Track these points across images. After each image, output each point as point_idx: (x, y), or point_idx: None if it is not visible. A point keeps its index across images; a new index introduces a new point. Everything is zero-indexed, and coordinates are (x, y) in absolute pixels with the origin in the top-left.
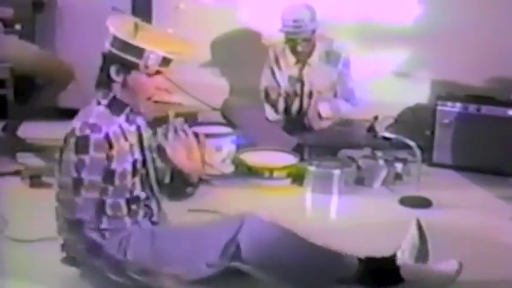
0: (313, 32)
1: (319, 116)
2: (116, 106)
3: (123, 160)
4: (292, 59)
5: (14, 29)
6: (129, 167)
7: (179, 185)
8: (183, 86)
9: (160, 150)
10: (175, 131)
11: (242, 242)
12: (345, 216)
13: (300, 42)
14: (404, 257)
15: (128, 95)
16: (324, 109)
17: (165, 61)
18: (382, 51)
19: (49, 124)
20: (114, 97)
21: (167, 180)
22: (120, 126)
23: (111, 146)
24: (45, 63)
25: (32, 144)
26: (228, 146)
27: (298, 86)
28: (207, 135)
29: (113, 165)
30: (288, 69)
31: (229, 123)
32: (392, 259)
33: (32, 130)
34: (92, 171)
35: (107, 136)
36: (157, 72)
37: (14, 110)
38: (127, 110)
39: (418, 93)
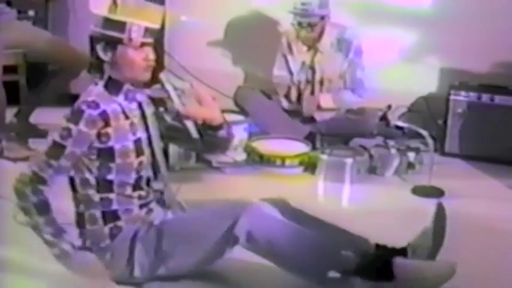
0: (322, 18)
1: (319, 106)
2: (112, 86)
3: (123, 138)
4: (304, 45)
5: (27, 15)
6: (130, 145)
7: (209, 135)
8: (196, 73)
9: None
10: (175, 88)
11: (240, 235)
12: (357, 205)
13: (305, 26)
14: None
15: (120, 72)
16: (325, 100)
17: (149, 31)
18: (393, 36)
19: (61, 110)
20: (110, 77)
21: (195, 135)
22: (120, 105)
23: (107, 124)
24: (58, 50)
25: (44, 130)
26: (240, 134)
27: (309, 73)
28: None
29: (111, 143)
30: (301, 55)
31: (241, 111)
32: (387, 254)
33: (44, 116)
34: (76, 144)
35: (103, 113)
36: (143, 44)
37: (26, 96)
38: (124, 88)
39: (432, 83)
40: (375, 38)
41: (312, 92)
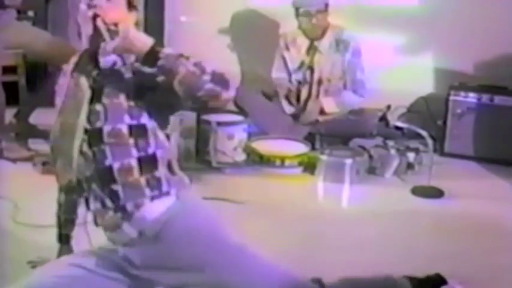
0: (327, 6)
1: (322, 111)
2: None
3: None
4: (303, 45)
5: (27, 16)
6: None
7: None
8: None
9: None
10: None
11: None
12: (356, 205)
13: (315, 14)
14: None
15: None
16: (328, 104)
17: None
18: (393, 37)
19: None
20: None
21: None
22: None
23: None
24: (58, 50)
25: (43, 130)
26: (239, 134)
27: (308, 74)
28: (219, 123)
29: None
30: (300, 56)
31: (241, 111)
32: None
33: (43, 116)
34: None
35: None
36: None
37: (26, 96)
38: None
39: (431, 83)
40: (374, 39)
41: (310, 93)
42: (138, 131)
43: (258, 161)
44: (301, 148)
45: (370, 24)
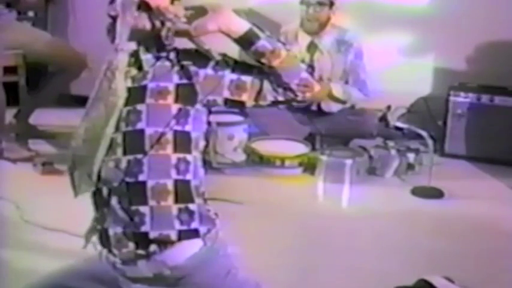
0: (331, 4)
1: (331, 95)
2: None
3: None
4: (304, 42)
5: (27, 16)
6: None
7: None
8: None
9: None
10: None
11: None
12: (356, 205)
13: (314, 4)
14: None
15: None
16: (336, 88)
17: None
18: (393, 37)
19: (61, 111)
20: None
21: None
22: None
23: None
24: (58, 51)
25: (43, 131)
26: (239, 135)
27: (309, 71)
28: (219, 124)
29: None
30: (300, 54)
31: (241, 111)
32: None
33: (44, 117)
34: None
35: None
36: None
37: (26, 97)
38: None
39: (431, 83)
40: (375, 40)
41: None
42: (182, 139)
43: (258, 161)
44: (301, 148)
45: (370, 24)
